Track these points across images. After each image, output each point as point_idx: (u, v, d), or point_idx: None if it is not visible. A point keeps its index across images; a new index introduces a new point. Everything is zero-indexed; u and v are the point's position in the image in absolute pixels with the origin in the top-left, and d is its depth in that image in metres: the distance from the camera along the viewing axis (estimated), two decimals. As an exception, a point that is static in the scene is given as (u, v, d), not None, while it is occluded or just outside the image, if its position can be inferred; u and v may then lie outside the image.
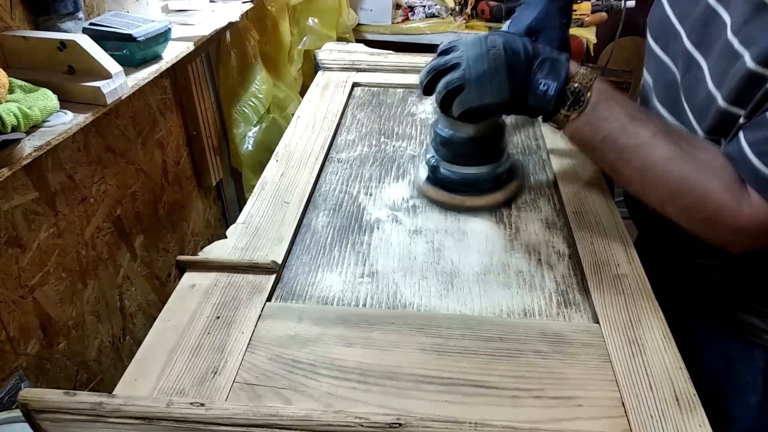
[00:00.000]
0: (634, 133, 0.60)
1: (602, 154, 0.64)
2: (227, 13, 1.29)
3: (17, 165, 0.73)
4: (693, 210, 0.59)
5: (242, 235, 0.73)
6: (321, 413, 0.47)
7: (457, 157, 0.77)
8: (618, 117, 0.61)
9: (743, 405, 0.74)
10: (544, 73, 0.62)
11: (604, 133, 0.61)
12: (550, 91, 0.62)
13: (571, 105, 0.62)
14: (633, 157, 0.60)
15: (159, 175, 1.27)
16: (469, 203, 0.78)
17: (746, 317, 0.72)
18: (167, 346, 0.58)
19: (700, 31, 0.65)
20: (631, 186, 0.64)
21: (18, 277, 0.87)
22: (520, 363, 0.56)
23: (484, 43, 0.63)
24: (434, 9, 2.21)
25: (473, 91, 0.63)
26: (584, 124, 0.62)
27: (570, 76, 0.62)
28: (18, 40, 0.86)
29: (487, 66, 0.62)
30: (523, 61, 0.62)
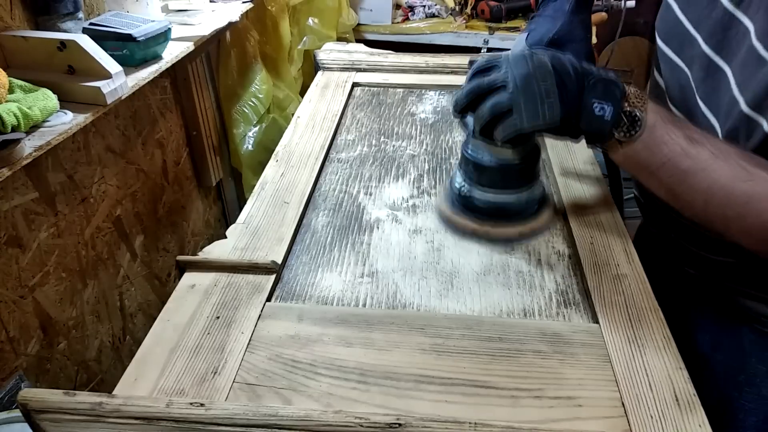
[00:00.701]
0: (696, 157, 0.56)
1: (661, 179, 0.59)
2: (227, 13, 1.29)
3: (17, 165, 0.73)
4: (762, 230, 0.57)
5: (242, 235, 0.73)
6: (321, 413, 0.47)
7: (496, 183, 0.68)
8: (677, 140, 0.57)
9: (756, 396, 0.74)
10: (598, 95, 0.58)
11: (664, 157, 0.57)
12: (607, 115, 0.57)
13: (628, 129, 0.58)
14: (697, 181, 0.57)
15: (159, 175, 1.27)
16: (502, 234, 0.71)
17: (759, 306, 0.72)
18: (167, 346, 0.58)
19: (719, 36, 0.64)
20: (692, 209, 0.60)
21: (18, 277, 0.87)
22: (519, 363, 0.56)
23: (530, 62, 0.58)
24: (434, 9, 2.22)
25: (523, 114, 0.57)
26: (642, 150, 0.58)
27: (627, 97, 0.58)
28: (18, 40, 0.86)
29: (537, 87, 0.57)
30: (575, 81, 0.58)
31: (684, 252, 0.78)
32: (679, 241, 0.77)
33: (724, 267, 0.73)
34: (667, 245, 0.81)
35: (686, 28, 0.70)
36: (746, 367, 0.75)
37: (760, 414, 0.75)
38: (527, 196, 0.70)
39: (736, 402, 0.75)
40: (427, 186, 0.85)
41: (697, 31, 0.68)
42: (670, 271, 0.81)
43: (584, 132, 0.59)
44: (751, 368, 0.74)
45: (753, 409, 0.75)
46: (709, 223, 0.60)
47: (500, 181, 0.68)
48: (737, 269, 0.72)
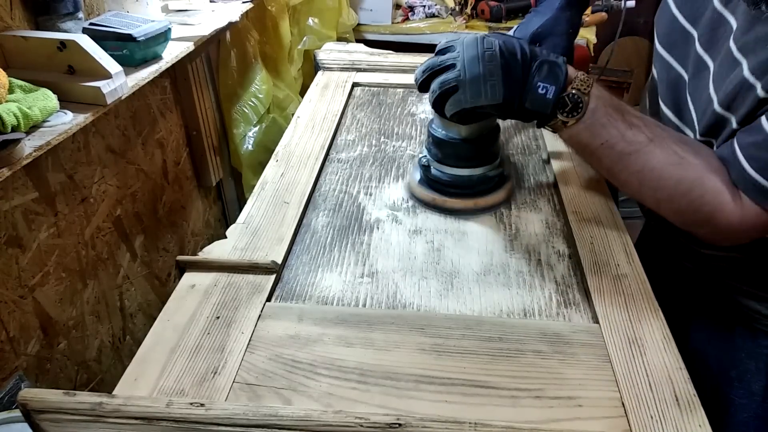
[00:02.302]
0: (632, 140, 0.61)
1: (600, 159, 0.65)
2: (227, 13, 1.29)
3: (17, 165, 0.73)
4: (688, 212, 0.62)
5: (242, 235, 0.73)
6: (321, 413, 0.47)
7: (448, 157, 0.76)
8: (616, 124, 0.62)
9: (746, 392, 0.76)
10: (542, 77, 0.62)
11: (602, 139, 0.62)
12: (549, 94, 0.62)
13: (570, 111, 0.62)
14: (631, 163, 0.62)
15: (159, 175, 1.27)
16: (458, 205, 0.78)
17: (751, 303, 0.73)
18: (167, 346, 0.58)
19: (709, 35, 0.67)
20: (628, 188, 0.65)
21: (18, 277, 0.87)
22: (519, 363, 0.56)
23: (480, 44, 0.62)
24: (434, 9, 2.21)
25: (467, 92, 0.62)
26: (583, 130, 0.63)
27: (569, 80, 0.62)
28: (18, 40, 0.86)
29: (482, 68, 0.61)
30: (520, 64, 0.62)
31: (680, 246, 0.79)
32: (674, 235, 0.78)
33: (714, 261, 0.75)
34: (666, 240, 0.81)
35: (683, 26, 0.72)
36: (737, 363, 0.76)
37: (751, 410, 0.76)
38: (480, 173, 0.77)
39: (728, 397, 0.77)
40: (427, 186, 0.85)
41: (694, 28, 0.70)
42: (669, 267, 0.82)
43: (529, 111, 0.64)
44: (742, 364, 0.76)
45: (744, 404, 0.77)
46: (644, 203, 0.66)
47: (454, 156, 0.76)
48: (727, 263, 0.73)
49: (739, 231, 0.60)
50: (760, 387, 0.75)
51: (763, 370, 0.74)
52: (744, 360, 0.75)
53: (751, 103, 0.57)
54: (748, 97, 0.58)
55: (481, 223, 0.77)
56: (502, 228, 0.76)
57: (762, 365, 0.74)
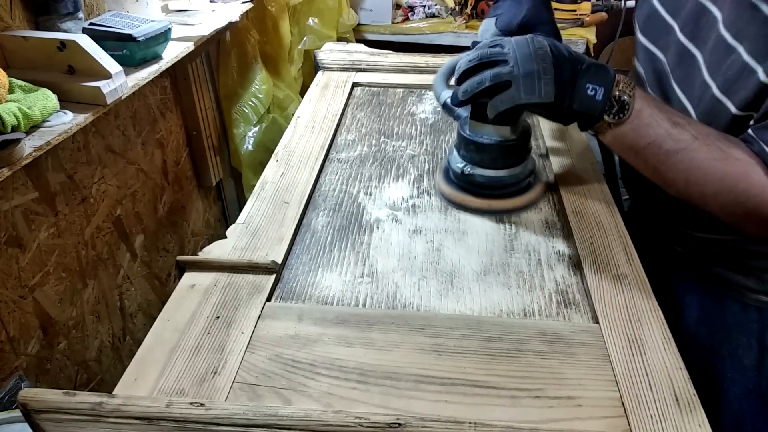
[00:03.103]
0: (678, 138, 0.62)
1: (645, 159, 0.65)
2: (227, 13, 1.29)
3: (17, 165, 0.73)
4: (735, 206, 0.62)
5: (242, 235, 0.73)
6: (321, 413, 0.47)
7: (495, 160, 0.75)
8: (661, 123, 0.62)
9: (738, 366, 0.77)
10: (591, 78, 0.62)
11: (649, 139, 0.62)
12: (598, 96, 0.62)
13: (617, 113, 0.62)
14: (678, 161, 0.62)
15: (159, 175, 1.27)
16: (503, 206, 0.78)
17: (740, 278, 0.75)
18: (167, 346, 0.58)
19: (692, 25, 0.69)
20: (674, 186, 0.65)
21: (18, 277, 0.87)
22: (519, 363, 0.56)
23: (532, 43, 0.63)
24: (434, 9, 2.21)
25: (521, 88, 0.62)
26: (629, 131, 0.63)
27: (617, 82, 0.63)
28: (18, 40, 0.86)
29: (536, 65, 0.62)
30: (569, 64, 0.63)
31: (669, 229, 0.80)
32: (663, 219, 0.79)
33: (706, 242, 0.76)
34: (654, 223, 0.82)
35: (663, 18, 0.74)
36: (730, 339, 0.78)
37: (743, 385, 0.78)
38: (522, 171, 0.78)
39: (720, 373, 0.78)
40: (427, 186, 0.85)
41: (674, 19, 0.73)
42: (658, 248, 0.83)
43: (576, 113, 0.64)
44: (734, 340, 0.77)
45: (736, 379, 0.78)
46: (689, 200, 0.66)
47: (500, 158, 0.75)
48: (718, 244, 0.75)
49: None
50: (752, 361, 0.76)
51: (755, 345, 0.76)
52: (736, 335, 0.77)
53: (753, 87, 0.59)
54: (749, 81, 0.59)
55: (481, 223, 0.77)
56: (502, 228, 0.76)
57: (753, 340, 0.76)
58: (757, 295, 0.74)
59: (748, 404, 0.77)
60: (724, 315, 0.77)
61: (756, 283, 0.74)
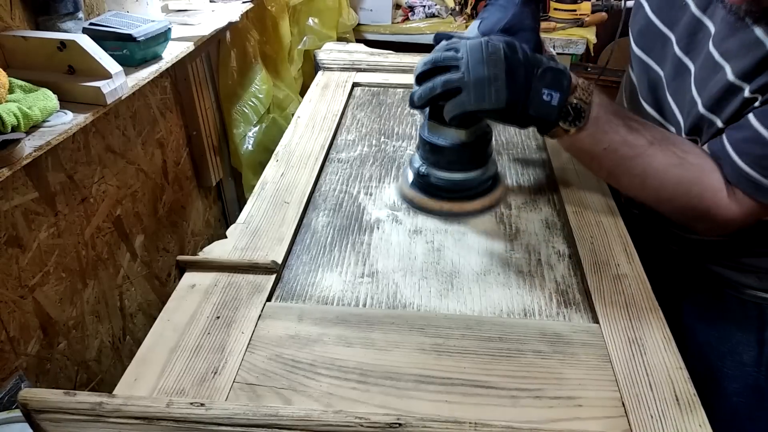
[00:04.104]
0: (634, 144, 0.63)
1: (600, 164, 0.66)
2: (227, 13, 1.29)
3: (17, 165, 0.73)
4: (688, 209, 0.65)
5: (242, 235, 0.73)
6: (321, 413, 0.47)
7: (451, 163, 0.74)
8: (618, 129, 0.63)
9: (738, 363, 0.78)
10: (547, 83, 0.61)
11: (604, 144, 0.63)
12: (553, 101, 0.61)
13: (573, 120, 0.62)
14: (633, 166, 0.64)
15: (159, 175, 1.27)
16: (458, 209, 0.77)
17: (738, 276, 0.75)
18: (167, 346, 0.58)
19: (687, 39, 0.69)
20: (630, 190, 0.67)
21: (18, 277, 0.87)
22: (519, 363, 0.56)
23: (485, 48, 0.62)
24: (434, 9, 2.21)
25: (471, 94, 0.61)
26: (585, 137, 0.64)
27: (572, 88, 0.62)
28: (18, 40, 0.86)
29: (486, 71, 0.61)
30: (524, 69, 0.61)
31: (664, 230, 0.81)
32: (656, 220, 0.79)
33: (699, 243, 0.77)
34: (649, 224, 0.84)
35: (659, 29, 0.74)
36: (729, 336, 0.78)
37: (741, 380, 0.78)
38: (480, 175, 0.76)
39: (719, 370, 0.79)
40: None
41: (671, 31, 0.73)
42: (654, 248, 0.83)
43: (532, 118, 0.64)
44: (733, 337, 0.78)
45: (735, 376, 0.78)
46: (644, 202, 0.68)
47: (455, 161, 0.74)
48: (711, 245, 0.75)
49: (735, 224, 0.63)
50: (752, 357, 0.76)
51: (754, 341, 0.76)
52: (734, 332, 0.77)
53: (738, 103, 0.60)
54: (735, 98, 0.60)
55: (481, 223, 0.77)
56: (502, 228, 0.76)
57: (752, 336, 0.76)
58: (755, 292, 0.75)
59: (745, 398, 0.78)
60: (723, 312, 0.78)
61: (755, 281, 0.74)
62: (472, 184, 0.76)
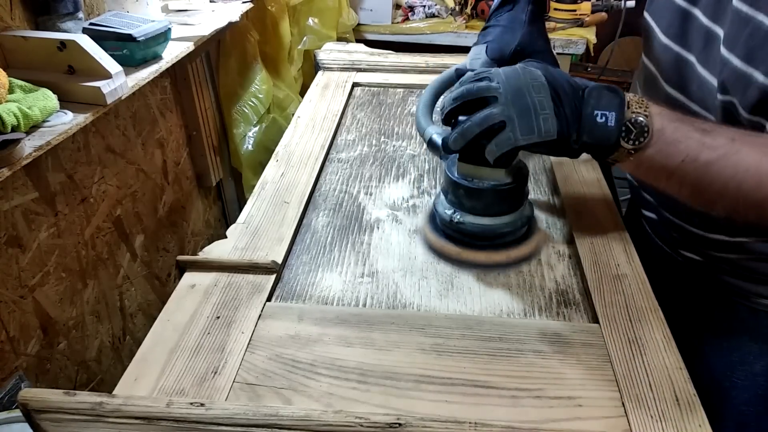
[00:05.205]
0: (714, 145, 0.54)
1: (682, 179, 0.56)
2: (227, 13, 1.29)
3: (17, 165, 0.73)
4: None
5: (242, 235, 0.73)
6: (321, 413, 0.47)
7: (488, 207, 0.66)
8: (690, 134, 0.55)
9: (749, 373, 0.76)
10: (598, 104, 0.56)
11: (681, 156, 0.55)
12: (610, 122, 0.55)
13: (636, 137, 0.55)
14: (721, 168, 0.54)
15: (159, 175, 1.27)
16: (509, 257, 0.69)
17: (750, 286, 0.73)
18: (167, 346, 0.58)
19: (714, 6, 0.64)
20: (723, 200, 0.56)
21: (18, 277, 0.87)
22: (519, 363, 0.56)
23: (523, 74, 0.56)
24: (434, 9, 2.21)
25: (517, 129, 0.55)
26: (655, 154, 0.56)
27: (629, 104, 0.56)
28: (18, 40, 0.86)
29: (530, 99, 0.55)
30: (570, 94, 0.56)
31: (678, 232, 0.78)
32: (672, 220, 0.78)
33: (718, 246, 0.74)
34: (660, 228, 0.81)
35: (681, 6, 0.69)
36: (740, 346, 0.76)
37: (751, 390, 0.76)
38: (518, 218, 0.68)
39: (728, 380, 0.77)
40: (427, 186, 0.85)
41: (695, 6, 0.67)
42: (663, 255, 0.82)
43: (588, 145, 0.57)
44: (744, 347, 0.76)
45: (746, 386, 0.77)
46: (743, 213, 0.57)
47: (494, 205, 0.66)
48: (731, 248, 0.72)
49: None
50: (763, 367, 0.75)
51: (766, 351, 0.74)
52: (746, 342, 0.75)
53: None
54: None
55: (481, 223, 0.77)
56: (502, 228, 0.76)
57: (765, 346, 0.74)
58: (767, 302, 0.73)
59: (754, 407, 0.77)
60: (734, 322, 0.76)
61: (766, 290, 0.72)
62: (512, 228, 0.69)
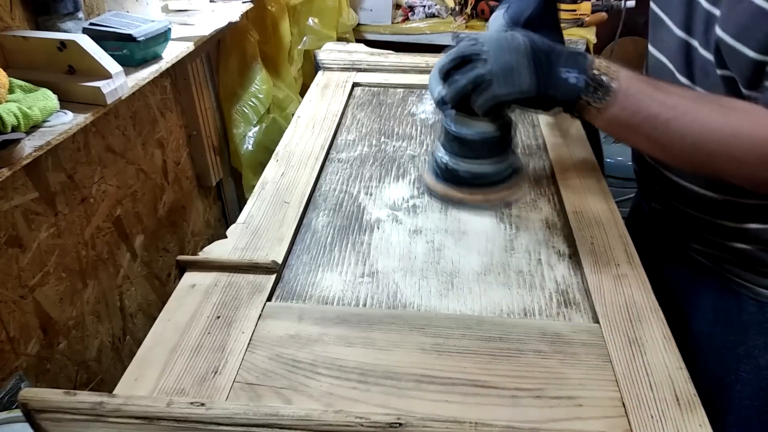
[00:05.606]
0: (675, 104, 0.60)
1: (647, 134, 0.63)
2: (227, 13, 1.29)
3: (17, 165, 0.73)
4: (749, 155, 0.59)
5: (242, 235, 0.73)
6: (321, 413, 0.47)
7: (479, 153, 0.75)
8: (653, 95, 0.61)
9: (754, 367, 0.76)
10: (567, 64, 0.63)
11: (643, 113, 0.61)
12: (576, 81, 0.63)
13: (602, 96, 0.62)
14: (679, 126, 0.60)
15: (159, 175, 1.27)
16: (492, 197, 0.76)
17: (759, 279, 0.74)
18: (167, 346, 0.58)
19: None
20: (682, 155, 0.63)
21: (18, 277, 0.87)
22: (520, 363, 0.56)
23: (506, 39, 0.64)
24: (434, 9, 2.21)
25: (501, 84, 0.63)
26: (619, 111, 0.62)
27: (594, 66, 0.63)
28: (18, 40, 0.86)
29: (512, 59, 0.63)
30: (546, 56, 0.63)
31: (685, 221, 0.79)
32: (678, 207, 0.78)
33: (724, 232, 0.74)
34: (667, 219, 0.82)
35: None
36: (746, 339, 0.77)
37: (756, 384, 0.77)
38: (505, 165, 0.76)
39: (733, 374, 0.78)
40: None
41: None
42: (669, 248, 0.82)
43: (557, 100, 0.64)
44: (751, 340, 0.76)
45: (750, 379, 0.77)
46: (701, 166, 0.64)
47: (483, 152, 0.74)
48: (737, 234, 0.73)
49: None
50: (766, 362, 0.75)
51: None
52: (753, 335, 0.76)
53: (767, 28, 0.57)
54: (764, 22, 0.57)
55: (481, 223, 0.77)
56: (502, 228, 0.76)
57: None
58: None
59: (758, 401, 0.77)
60: (741, 315, 0.76)
61: None
62: (499, 172, 0.77)
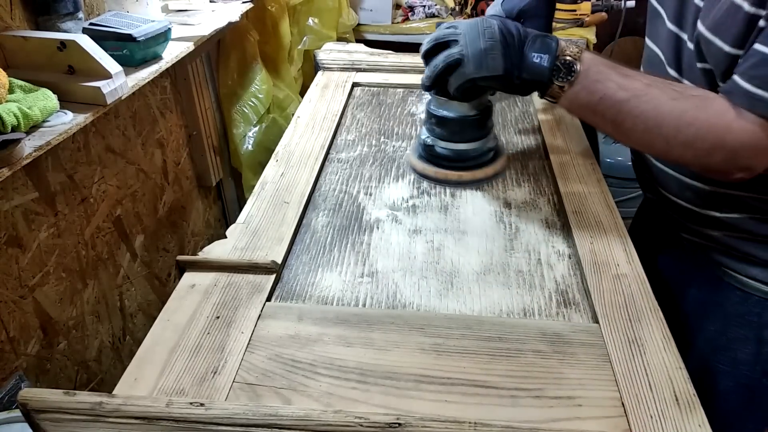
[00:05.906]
0: (629, 87, 0.64)
1: (602, 114, 0.67)
2: (227, 13, 1.29)
3: (17, 165, 0.73)
4: (698, 140, 0.62)
5: (242, 235, 0.73)
6: (321, 413, 0.47)
7: (453, 134, 0.81)
8: (611, 76, 0.65)
9: (732, 359, 0.78)
10: (536, 48, 0.67)
11: (600, 93, 0.65)
12: (543, 62, 0.66)
13: (564, 75, 0.66)
14: (632, 107, 0.64)
15: (159, 175, 1.27)
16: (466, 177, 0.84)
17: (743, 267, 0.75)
18: (167, 346, 0.58)
19: None
20: (635, 137, 0.67)
21: (18, 277, 0.87)
22: (519, 363, 0.56)
23: (480, 24, 0.68)
24: (434, 9, 2.21)
25: (471, 64, 0.67)
26: (580, 91, 0.66)
27: (560, 50, 0.67)
28: (18, 40, 0.86)
29: (483, 43, 0.67)
30: (516, 39, 0.68)
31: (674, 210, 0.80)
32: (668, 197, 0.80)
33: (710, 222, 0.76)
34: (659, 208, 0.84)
35: None
36: (726, 330, 0.78)
37: (733, 378, 0.78)
38: (481, 146, 0.84)
39: (715, 365, 0.79)
40: (426, 186, 0.85)
41: None
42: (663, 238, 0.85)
43: (528, 81, 0.68)
44: (732, 332, 0.77)
45: (728, 372, 0.78)
46: (653, 149, 0.69)
47: (459, 133, 0.82)
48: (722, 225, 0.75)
49: (751, 150, 0.61)
50: (748, 355, 0.76)
51: (752, 338, 0.76)
52: (734, 327, 0.77)
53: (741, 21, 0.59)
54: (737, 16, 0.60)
55: (481, 223, 0.77)
56: (502, 228, 0.76)
57: (752, 333, 0.76)
58: (760, 285, 0.74)
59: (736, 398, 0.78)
60: (725, 305, 0.78)
61: (762, 273, 0.74)
62: (474, 154, 0.84)
